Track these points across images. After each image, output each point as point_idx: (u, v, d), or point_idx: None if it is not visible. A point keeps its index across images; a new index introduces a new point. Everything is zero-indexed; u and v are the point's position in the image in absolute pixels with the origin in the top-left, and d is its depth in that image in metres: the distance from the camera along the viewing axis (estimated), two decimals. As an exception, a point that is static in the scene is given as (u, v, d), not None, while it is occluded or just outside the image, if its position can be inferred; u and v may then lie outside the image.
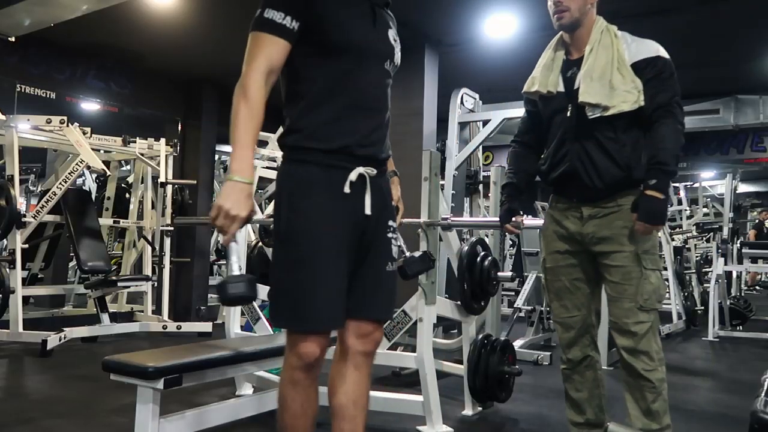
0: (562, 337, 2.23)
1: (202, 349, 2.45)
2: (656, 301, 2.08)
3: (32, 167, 9.54)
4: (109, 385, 2.40)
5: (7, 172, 4.81)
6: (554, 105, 2.16)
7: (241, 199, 1.50)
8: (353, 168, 1.64)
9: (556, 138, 2.16)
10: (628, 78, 2.02)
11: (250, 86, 1.55)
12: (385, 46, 1.76)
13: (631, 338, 2.04)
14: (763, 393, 1.46)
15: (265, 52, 1.58)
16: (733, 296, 7.49)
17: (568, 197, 2.18)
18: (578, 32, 2.14)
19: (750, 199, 14.96)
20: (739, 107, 7.52)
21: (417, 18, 5.13)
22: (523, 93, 2.28)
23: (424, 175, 2.90)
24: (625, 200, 2.06)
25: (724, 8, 4.94)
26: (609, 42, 2.08)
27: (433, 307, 2.84)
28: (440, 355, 3.22)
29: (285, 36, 1.59)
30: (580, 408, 2.21)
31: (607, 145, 2.06)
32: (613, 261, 2.06)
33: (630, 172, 2.06)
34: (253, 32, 1.61)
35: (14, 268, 4.63)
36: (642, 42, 2.11)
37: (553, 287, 2.22)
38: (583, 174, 2.08)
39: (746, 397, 3.28)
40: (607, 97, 2.01)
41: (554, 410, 3.23)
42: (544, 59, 2.22)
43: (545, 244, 2.26)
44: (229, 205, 1.49)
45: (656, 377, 2.04)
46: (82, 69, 6.13)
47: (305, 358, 1.62)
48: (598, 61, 2.05)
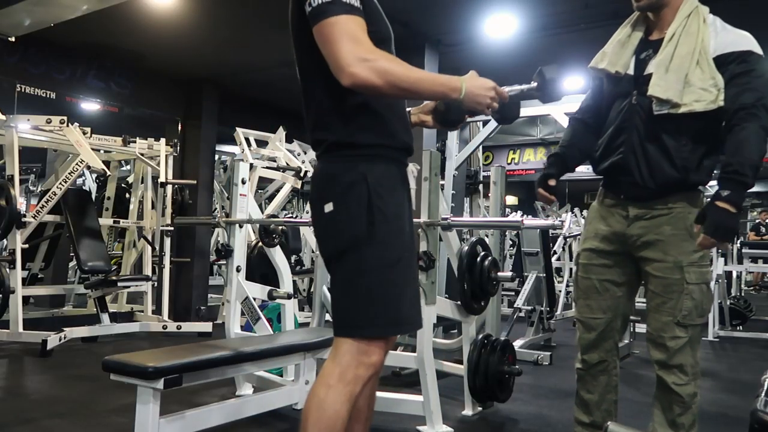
0: (582, 337, 2.08)
1: (202, 349, 2.45)
2: (697, 316, 1.92)
3: (32, 167, 9.55)
4: (109, 385, 2.40)
5: (7, 172, 4.81)
6: (620, 88, 1.98)
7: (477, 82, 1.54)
8: (407, 163, 1.63)
9: (614, 124, 1.99)
10: (707, 74, 1.81)
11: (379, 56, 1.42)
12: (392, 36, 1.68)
13: (665, 352, 1.92)
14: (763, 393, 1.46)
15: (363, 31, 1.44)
16: (733, 296, 7.48)
17: (615, 193, 2.02)
18: (662, 12, 1.93)
19: (750, 199, 14.96)
20: (739, 107, 7.51)
21: (417, 18, 5.13)
22: (589, 67, 2.08)
23: (424, 175, 2.90)
24: (677, 204, 1.90)
25: (724, 8, 4.94)
26: (695, 29, 1.85)
27: (433, 307, 2.84)
28: (440, 355, 3.22)
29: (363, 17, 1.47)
30: (588, 408, 2.10)
31: (668, 142, 1.87)
32: (655, 270, 1.92)
33: (687, 174, 1.89)
34: (337, 16, 1.42)
35: (14, 268, 4.63)
36: (733, 32, 1.88)
37: (582, 285, 2.08)
38: (634, 169, 1.91)
39: (746, 397, 3.29)
40: (680, 94, 1.81)
41: (554, 410, 3.23)
42: (620, 35, 2.00)
43: (583, 239, 2.12)
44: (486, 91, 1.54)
45: (687, 392, 1.91)
46: (82, 69, 6.13)
47: (377, 367, 1.54)
48: (679, 49, 1.83)
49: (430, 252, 2.77)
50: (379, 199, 1.51)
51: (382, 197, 1.52)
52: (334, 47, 1.41)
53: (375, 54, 1.41)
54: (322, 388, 1.50)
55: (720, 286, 6.41)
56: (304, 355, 2.90)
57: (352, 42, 1.41)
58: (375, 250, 1.51)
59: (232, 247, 3.29)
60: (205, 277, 7.13)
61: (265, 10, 4.69)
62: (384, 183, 1.53)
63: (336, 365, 1.51)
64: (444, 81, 1.51)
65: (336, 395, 1.48)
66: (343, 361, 1.51)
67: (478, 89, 1.53)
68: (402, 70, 1.44)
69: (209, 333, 5.36)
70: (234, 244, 3.30)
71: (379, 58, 1.41)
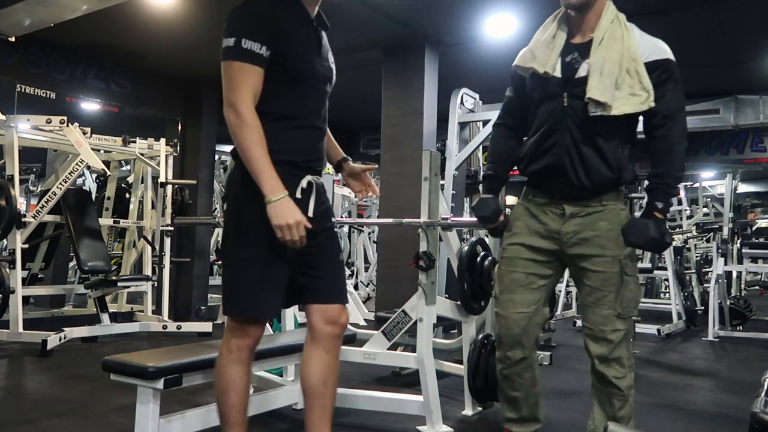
0: (504, 333, 2.08)
1: (202, 349, 2.45)
2: (633, 308, 2.00)
3: (32, 167, 9.55)
4: (109, 385, 2.40)
5: (7, 172, 4.81)
6: (547, 89, 2.00)
7: (287, 210, 1.72)
8: (303, 176, 1.84)
9: (543, 126, 2.01)
10: (636, 78, 1.89)
11: (247, 115, 1.72)
12: (327, 71, 1.93)
13: (606, 346, 1.97)
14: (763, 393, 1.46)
15: (250, 81, 1.74)
16: (733, 296, 7.49)
17: (548, 192, 2.05)
18: (587, 14, 1.98)
19: (750, 199, 14.96)
20: (739, 107, 7.52)
21: (417, 18, 5.13)
22: (514, 66, 2.10)
23: (424, 175, 2.89)
24: (610, 201, 1.97)
25: (724, 8, 4.94)
26: (620, 34, 1.93)
27: (433, 307, 2.84)
28: (440, 355, 3.22)
29: (262, 64, 1.75)
30: (516, 405, 2.13)
31: (601, 143, 1.94)
32: (593, 265, 1.96)
33: (620, 174, 1.96)
34: (232, 61, 1.74)
35: (14, 268, 4.63)
36: (652, 40, 1.98)
37: (507, 278, 2.09)
38: (569, 170, 1.96)
39: (746, 397, 3.29)
40: (611, 97, 1.88)
41: (554, 410, 3.23)
42: (544, 35, 2.04)
43: (510, 235, 2.12)
44: (283, 221, 1.71)
45: (625, 384, 1.99)
46: (82, 69, 6.13)
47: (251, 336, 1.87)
48: (608, 54, 1.90)
49: (430, 252, 2.77)
50: (240, 201, 1.82)
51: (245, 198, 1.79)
52: (225, 86, 1.77)
53: (243, 110, 1.72)
54: (218, 359, 1.90)
55: (720, 286, 6.41)
56: (304, 355, 2.90)
57: (233, 92, 1.74)
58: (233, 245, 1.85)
59: (232, 247, 3.28)
60: (205, 277, 7.13)
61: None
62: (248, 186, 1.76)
63: (223, 339, 1.91)
64: (266, 178, 1.72)
65: (224, 361, 1.88)
66: (227, 335, 1.89)
67: (282, 212, 1.71)
68: (244, 138, 1.72)
69: (209, 333, 5.36)
70: (234, 244, 3.29)
71: (243, 117, 1.72)
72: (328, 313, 1.92)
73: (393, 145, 5.73)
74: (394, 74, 5.71)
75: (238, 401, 1.88)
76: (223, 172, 9.13)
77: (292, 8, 1.83)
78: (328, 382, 1.90)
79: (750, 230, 11.46)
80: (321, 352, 1.90)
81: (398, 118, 5.68)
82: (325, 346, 1.90)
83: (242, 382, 1.88)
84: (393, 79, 5.72)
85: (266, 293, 1.82)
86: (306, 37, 1.85)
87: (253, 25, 1.75)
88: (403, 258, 4.57)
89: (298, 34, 1.81)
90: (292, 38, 1.79)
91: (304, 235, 1.75)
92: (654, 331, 6.03)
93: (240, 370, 1.87)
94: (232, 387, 1.86)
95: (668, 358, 5.01)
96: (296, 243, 1.74)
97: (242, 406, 1.89)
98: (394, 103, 5.72)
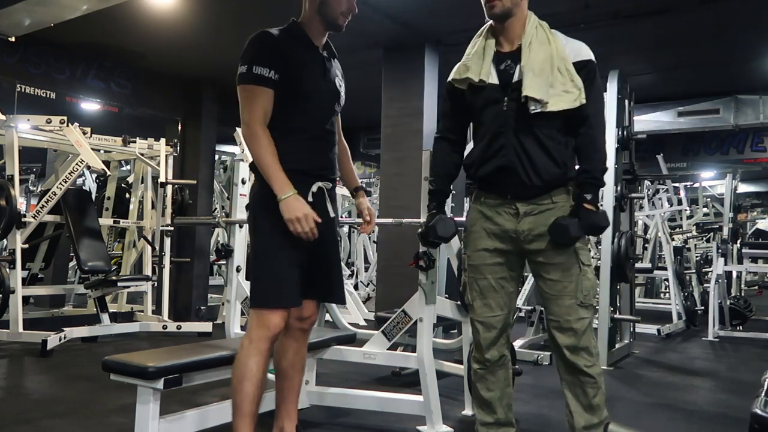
0: (483, 337, 2.15)
1: (202, 349, 2.45)
2: (593, 296, 2.11)
3: (32, 167, 9.56)
4: (109, 385, 2.41)
5: (7, 172, 4.82)
6: (486, 96, 2.10)
7: (296, 206, 1.98)
8: (313, 182, 2.12)
9: (489, 131, 2.10)
10: (567, 76, 2.00)
11: (258, 130, 2.03)
12: (333, 92, 2.23)
13: (573, 335, 2.04)
14: (763, 393, 1.46)
15: (261, 102, 2.04)
16: (733, 296, 7.49)
17: (500, 193, 2.12)
18: (510, 23, 2.10)
19: (750, 199, 14.97)
20: (739, 107, 7.52)
21: (417, 18, 5.13)
22: (450, 81, 2.21)
23: (424, 175, 2.90)
24: (559, 197, 2.07)
25: (724, 8, 4.94)
26: (545, 38, 2.06)
27: (433, 307, 2.84)
28: (440, 355, 3.22)
29: (271, 86, 2.05)
30: (491, 407, 2.18)
31: (546, 141, 2.04)
32: (550, 258, 2.05)
33: (566, 169, 2.07)
34: (245, 85, 2.04)
35: (14, 268, 4.63)
36: (576, 42, 2.10)
37: (478, 285, 2.16)
38: (519, 169, 2.04)
39: (746, 397, 3.29)
40: (547, 95, 1.98)
41: (554, 410, 3.23)
42: (474, 47, 2.16)
43: (471, 241, 2.18)
44: (293, 214, 1.97)
45: (596, 372, 2.07)
46: (82, 69, 6.13)
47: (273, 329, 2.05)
48: (537, 56, 2.02)
49: (430, 252, 2.77)
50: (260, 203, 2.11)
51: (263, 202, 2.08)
52: (240, 106, 2.07)
53: (254, 126, 2.03)
54: (239, 350, 2.07)
55: (720, 286, 6.41)
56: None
57: (247, 112, 2.05)
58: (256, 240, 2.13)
59: (232, 247, 3.29)
60: (205, 277, 7.14)
61: (266, 10, 4.69)
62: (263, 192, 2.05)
63: (246, 331, 2.09)
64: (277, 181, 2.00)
65: (244, 352, 2.04)
66: (249, 327, 2.07)
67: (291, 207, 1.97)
68: (256, 149, 2.03)
69: (209, 333, 5.36)
70: (234, 244, 3.29)
71: (254, 131, 2.03)
72: (303, 310, 2.21)
73: (393, 145, 5.73)
74: (394, 74, 5.71)
75: (251, 391, 2.00)
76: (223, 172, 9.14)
77: (298, 39, 2.14)
78: (296, 366, 2.26)
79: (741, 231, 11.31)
80: (291, 342, 2.24)
81: (398, 118, 5.69)
82: (294, 337, 2.24)
83: (258, 373, 2.02)
84: (393, 79, 5.72)
85: (290, 284, 2.06)
86: (310, 63, 2.14)
87: (263, 54, 2.05)
88: (403, 258, 4.57)
89: (303, 60, 2.12)
90: (297, 64, 2.09)
91: (314, 226, 1.99)
92: (654, 331, 6.03)
93: (257, 360, 2.02)
94: (248, 377, 2.00)
95: (668, 358, 5.01)
96: (308, 234, 1.98)
97: (256, 397, 2.02)
98: (394, 103, 5.72)
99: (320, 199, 2.14)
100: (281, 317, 2.06)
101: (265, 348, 2.04)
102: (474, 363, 2.21)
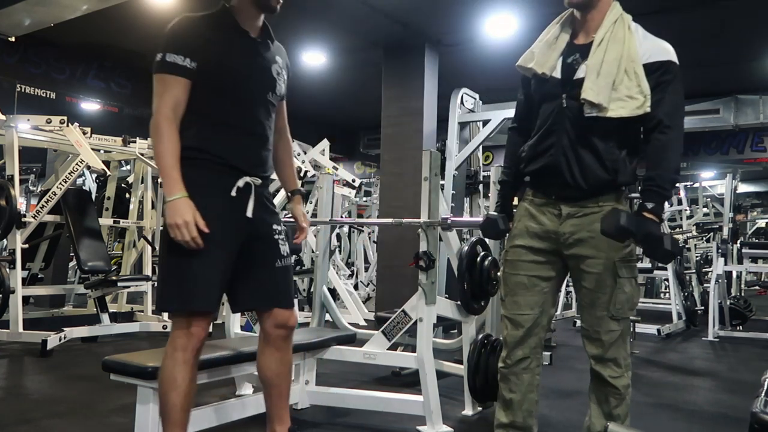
0: (510, 334, 2.09)
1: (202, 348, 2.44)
2: (628, 309, 2.00)
3: (32, 167, 9.56)
4: (109, 385, 2.40)
5: (7, 172, 4.81)
6: (546, 89, 2.01)
7: (179, 210, 1.82)
8: (240, 177, 1.95)
9: (543, 127, 2.02)
10: (634, 81, 1.88)
11: (161, 123, 1.88)
12: (266, 81, 2.04)
13: (601, 347, 1.99)
14: (763, 393, 1.46)
15: (171, 91, 1.89)
16: (733, 296, 7.48)
17: (545, 193, 2.06)
18: (590, 13, 1.97)
19: (750, 199, 14.97)
20: (739, 107, 7.52)
21: (417, 18, 5.14)
22: (517, 66, 2.11)
23: (424, 175, 2.90)
24: (606, 203, 1.97)
25: (724, 8, 4.94)
26: (622, 35, 1.92)
27: (433, 307, 2.84)
28: (440, 355, 3.22)
29: (186, 75, 1.90)
30: (510, 409, 2.12)
31: (598, 145, 1.94)
32: (588, 267, 1.98)
33: (616, 175, 1.95)
34: (157, 74, 1.90)
35: (14, 268, 4.63)
36: (655, 40, 1.96)
37: (511, 281, 2.10)
38: (565, 170, 1.96)
39: (746, 397, 3.29)
40: (608, 99, 1.87)
41: (554, 410, 3.23)
42: (548, 35, 2.05)
43: (512, 236, 2.14)
44: (172, 220, 1.81)
45: (622, 384, 2.01)
46: (82, 69, 6.13)
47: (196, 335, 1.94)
48: (607, 55, 1.89)
49: (430, 252, 2.77)
50: None
51: None
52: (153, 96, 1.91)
53: (158, 117, 1.88)
54: (164, 357, 1.95)
55: (720, 286, 6.41)
56: (304, 355, 2.91)
57: (155, 103, 1.89)
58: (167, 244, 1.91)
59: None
60: (205, 277, 7.10)
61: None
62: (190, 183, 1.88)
63: (169, 338, 1.96)
64: (167, 179, 1.86)
65: (168, 361, 1.92)
66: (171, 335, 1.95)
67: (173, 211, 1.82)
68: (156, 142, 1.89)
69: (209, 333, 5.34)
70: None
71: (156, 123, 1.88)
72: (277, 317, 2.05)
73: (393, 145, 5.74)
74: (394, 74, 5.71)
75: (179, 402, 1.91)
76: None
77: (224, 24, 2.00)
78: (281, 374, 2.11)
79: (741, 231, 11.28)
80: (272, 350, 2.08)
81: (398, 118, 5.69)
82: (276, 346, 2.08)
83: (184, 383, 1.91)
84: (393, 79, 5.72)
85: (199, 287, 1.89)
86: (237, 50, 1.99)
87: (176, 41, 1.92)
88: (403, 258, 4.57)
89: (227, 47, 1.96)
90: (220, 50, 1.94)
91: (196, 235, 1.83)
92: (654, 331, 6.03)
93: (183, 370, 1.91)
94: (174, 388, 1.90)
95: (668, 358, 5.01)
96: (189, 243, 1.82)
97: (183, 406, 1.92)
98: (394, 103, 5.72)
99: (246, 195, 1.97)
100: (201, 324, 1.94)
101: (190, 356, 1.93)
102: (500, 361, 2.15)
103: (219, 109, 1.96)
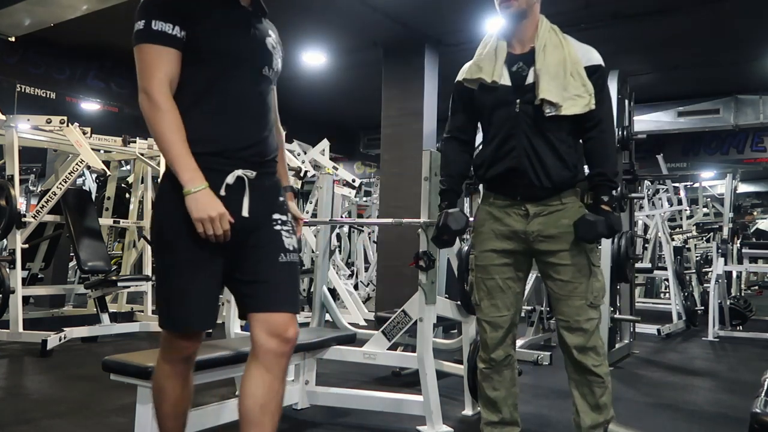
0: (490, 336, 2.18)
1: (202, 349, 2.44)
2: (602, 297, 2.14)
3: (32, 167, 9.56)
4: (109, 385, 2.40)
5: (7, 172, 4.82)
6: (497, 97, 2.11)
7: (209, 203, 1.57)
8: (231, 171, 1.65)
9: (500, 133, 2.11)
10: (579, 81, 2.02)
11: (161, 100, 1.60)
12: (261, 55, 1.77)
13: (582, 335, 2.08)
14: (763, 393, 1.46)
15: (164, 64, 1.62)
16: (733, 296, 7.48)
17: (509, 194, 2.14)
18: (523, 25, 2.11)
19: (750, 199, 14.97)
20: (739, 107, 7.52)
21: (417, 18, 5.14)
22: (461, 80, 2.20)
23: (424, 175, 2.89)
24: (568, 199, 2.10)
25: (724, 8, 4.95)
26: (558, 42, 2.07)
27: (433, 307, 2.84)
28: (440, 355, 3.22)
29: (177, 46, 1.64)
30: (496, 407, 2.22)
31: (556, 144, 2.06)
32: (562, 259, 2.08)
33: (576, 172, 2.10)
34: (144, 44, 1.64)
35: (14, 268, 4.63)
36: (586, 46, 2.12)
37: (486, 286, 2.18)
38: (530, 171, 2.06)
39: (746, 397, 3.29)
40: (562, 98, 2.01)
41: (554, 410, 3.23)
42: (486, 48, 2.17)
43: (479, 241, 2.20)
44: (204, 213, 1.56)
45: (604, 371, 2.10)
46: (82, 69, 6.13)
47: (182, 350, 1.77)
48: (551, 59, 2.03)
49: (430, 252, 2.77)
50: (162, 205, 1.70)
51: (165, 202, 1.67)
52: (138, 71, 1.66)
53: (156, 95, 1.60)
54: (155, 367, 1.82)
55: (720, 286, 6.40)
56: (304, 355, 2.91)
57: (145, 77, 1.63)
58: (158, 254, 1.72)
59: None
60: (205, 277, 7.10)
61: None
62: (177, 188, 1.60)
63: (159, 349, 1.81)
64: (183, 167, 1.58)
65: (157, 372, 1.81)
66: (161, 347, 1.80)
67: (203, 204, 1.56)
68: (158, 124, 1.60)
69: (209, 333, 5.35)
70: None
71: (155, 102, 1.60)
72: (271, 323, 1.65)
73: (393, 145, 5.74)
74: (394, 74, 5.72)
75: (170, 411, 1.81)
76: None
77: None
78: (267, 408, 1.63)
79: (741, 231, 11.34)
80: (261, 371, 1.64)
81: (398, 118, 5.69)
82: (266, 365, 1.64)
83: (174, 393, 1.79)
84: (393, 79, 5.72)
85: (196, 305, 1.66)
86: (228, 20, 1.72)
87: (165, 6, 1.65)
88: (403, 258, 4.57)
89: (217, 17, 1.70)
90: (209, 20, 1.68)
91: (228, 228, 1.58)
92: (654, 331, 6.03)
93: (173, 383, 1.78)
94: (164, 399, 1.80)
95: (668, 358, 5.01)
96: (219, 238, 1.58)
97: (176, 414, 1.83)
98: (394, 103, 5.72)
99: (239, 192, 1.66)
100: (189, 339, 1.75)
101: (181, 369, 1.78)
102: (480, 362, 2.24)
103: (210, 87, 1.68)
